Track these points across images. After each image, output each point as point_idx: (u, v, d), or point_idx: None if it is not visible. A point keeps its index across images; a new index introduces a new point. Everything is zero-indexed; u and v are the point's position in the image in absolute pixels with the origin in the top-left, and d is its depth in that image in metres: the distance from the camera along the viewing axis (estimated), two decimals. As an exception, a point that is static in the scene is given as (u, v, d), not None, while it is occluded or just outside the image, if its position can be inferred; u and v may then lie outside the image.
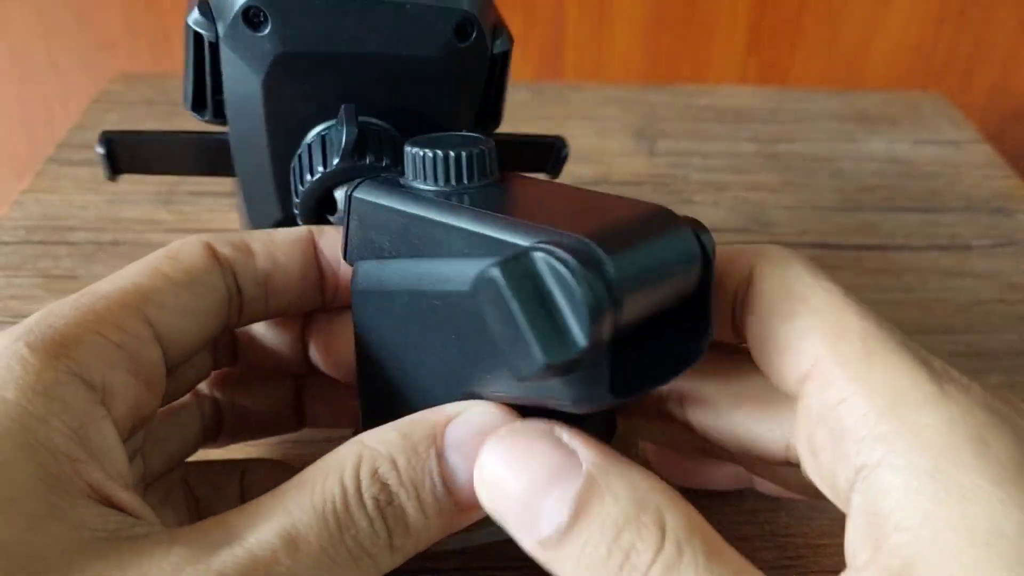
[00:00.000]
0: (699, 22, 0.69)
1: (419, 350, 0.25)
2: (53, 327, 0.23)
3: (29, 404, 0.21)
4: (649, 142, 0.57)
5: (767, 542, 0.32)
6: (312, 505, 0.21)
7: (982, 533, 0.19)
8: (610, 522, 0.21)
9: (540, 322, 0.19)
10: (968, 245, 0.49)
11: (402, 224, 0.25)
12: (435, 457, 0.23)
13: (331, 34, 0.28)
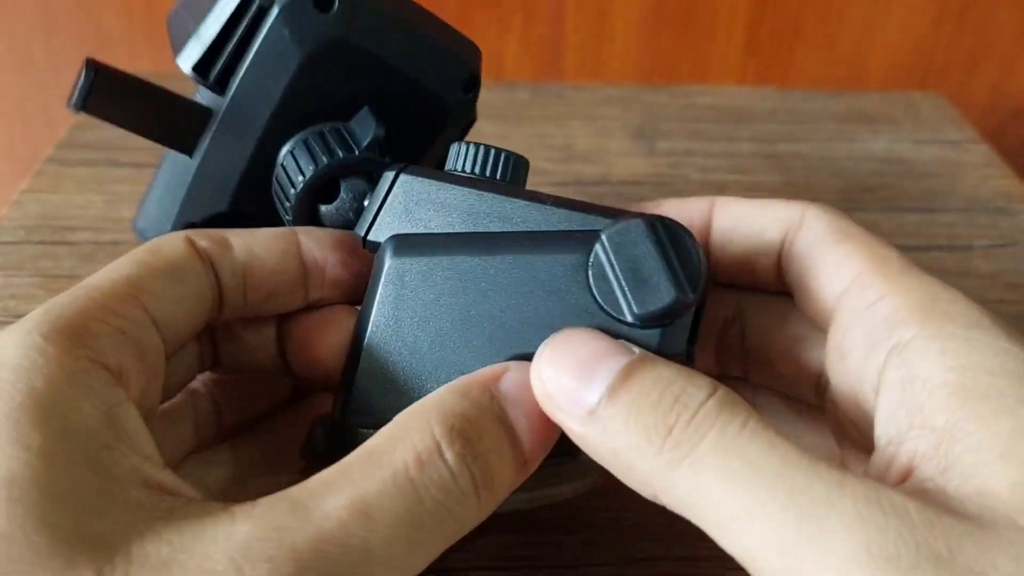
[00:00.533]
0: (698, 22, 0.69)
1: (462, 318, 0.26)
2: (62, 317, 0.23)
3: (59, 392, 0.21)
4: (649, 142, 0.57)
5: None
6: (383, 476, 0.21)
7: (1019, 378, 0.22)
8: (661, 377, 0.23)
9: (673, 266, 0.24)
10: (968, 245, 0.49)
11: (466, 201, 0.27)
12: (499, 409, 0.24)
13: (380, 40, 0.30)
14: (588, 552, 0.31)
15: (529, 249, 0.26)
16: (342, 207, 0.30)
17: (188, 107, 0.30)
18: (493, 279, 0.26)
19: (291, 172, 0.29)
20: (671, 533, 0.32)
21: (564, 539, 0.32)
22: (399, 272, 0.27)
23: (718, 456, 0.21)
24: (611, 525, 0.32)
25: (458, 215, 0.27)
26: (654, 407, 0.22)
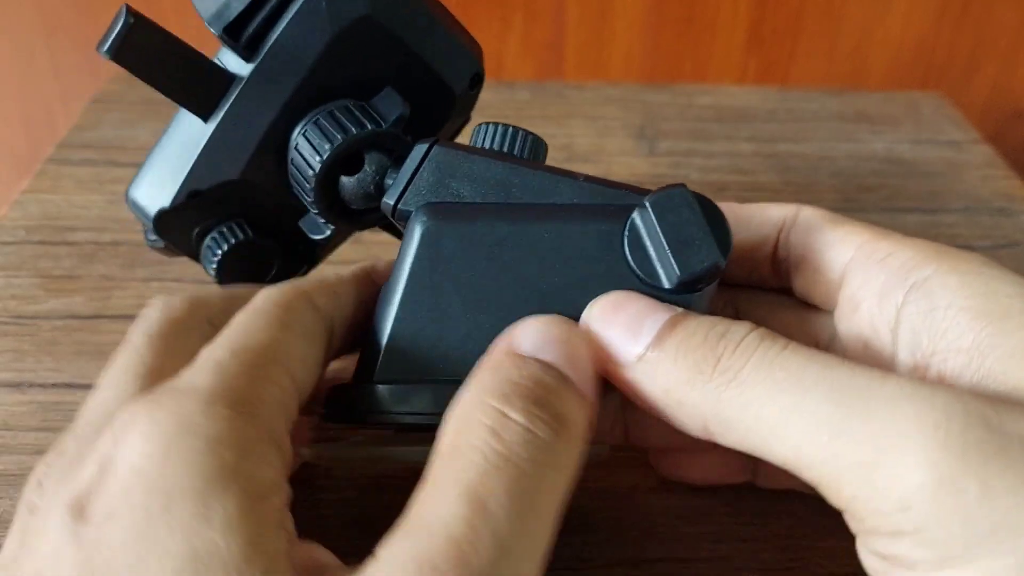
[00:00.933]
0: (699, 21, 0.69)
1: (496, 284, 0.27)
2: (236, 388, 0.23)
3: (244, 466, 0.22)
4: (650, 142, 0.57)
5: (770, 543, 0.32)
6: (473, 461, 0.22)
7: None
8: (704, 322, 0.25)
9: (714, 231, 0.26)
10: (970, 246, 0.49)
11: (501, 173, 0.28)
12: (532, 360, 0.24)
13: (407, 24, 0.31)
14: (590, 553, 0.31)
15: (564, 218, 0.27)
16: (364, 179, 0.30)
17: (214, 69, 0.30)
18: (527, 246, 0.27)
19: (317, 142, 0.30)
20: (673, 535, 0.32)
21: (565, 540, 0.32)
22: (435, 237, 0.27)
23: (762, 371, 0.23)
24: (613, 526, 0.32)
25: (491, 187, 0.28)
26: (701, 343, 0.24)
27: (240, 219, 0.32)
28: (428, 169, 0.28)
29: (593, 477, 0.34)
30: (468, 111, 0.35)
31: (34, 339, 0.40)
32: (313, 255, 0.35)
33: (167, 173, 0.31)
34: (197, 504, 0.20)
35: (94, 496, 0.21)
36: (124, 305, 0.42)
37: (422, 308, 0.27)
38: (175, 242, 0.32)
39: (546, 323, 0.25)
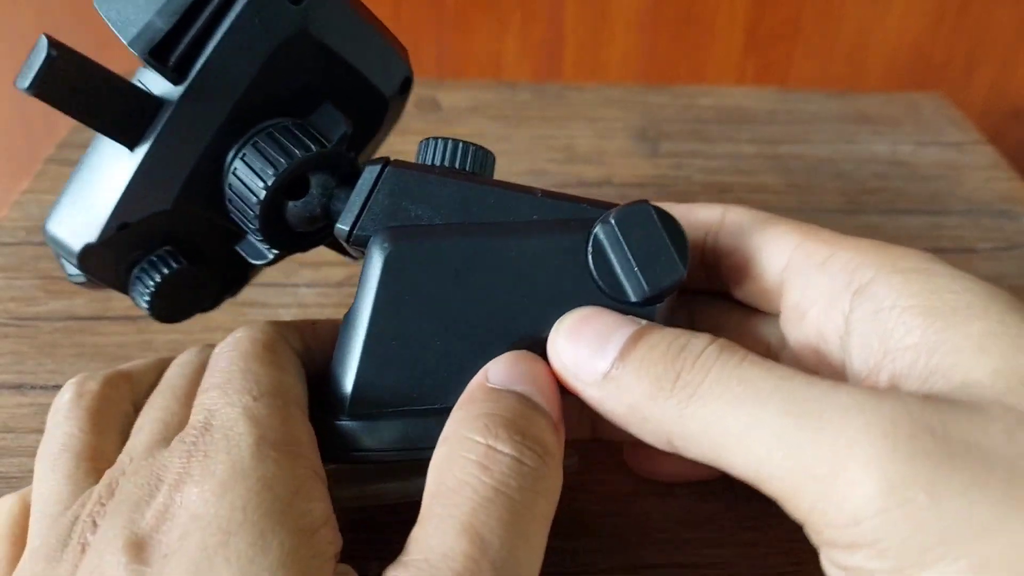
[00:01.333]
0: (697, 22, 0.69)
1: (463, 306, 0.26)
2: (274, 427, 0.24)
3: (295, 501, 0.23)
4: (651, 143, 0.57)
5: (772, 548, 0.32)
6: (465, 497, 0.22)
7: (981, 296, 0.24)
8: (666, 335, 0.25)
9: (676, 246, 0.26)
10: (972, 248, 0.49)
11: (458, 192, 0.27)
12: (507, 392, 0.25)
13: (341, 34, 0.30)
14: (590, 560, 0.31)
15: (527, 235, 0.27)
16: (311, 203, 0.29)
17: (140, 95, 0.28)
18: (492, 266, 0.27)
19: (259, 168, 0.28)
20: (674, 541, 0.32)
21: (565, 546, 0.32)
22: (398, 263, 0.26)
23: (720, 385, 0.23)
24: (613, 532, 0.32)
25: (449, 207, 0.27)
26: (662, 357, 0.24)
27: (170, 247, 0.31)
28: (382, 192, 0.27)
29: (593, 482, 0.34)
30: (398, 116, 0.35)
31: (34, 341, 0.40)
32: (246, 276, 0.35)
33: (91, 205, 0.29)
34: (255, 536, 0.21)
35: (152, 540, 0.22)
36: (124, 307, 0.42)
37: (390, 336, 0.26)
38: (100, 276, 0.30)
39: (515, 358, 0.26)
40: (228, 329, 0.29)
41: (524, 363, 0.26)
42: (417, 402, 0.26)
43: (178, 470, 0.23)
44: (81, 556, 0.23)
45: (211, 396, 0.25)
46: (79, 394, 0.29)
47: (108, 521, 0.23)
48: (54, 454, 0.27)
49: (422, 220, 0.27)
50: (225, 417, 0.24)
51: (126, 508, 0.23)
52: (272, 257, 0.31)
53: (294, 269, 0.44)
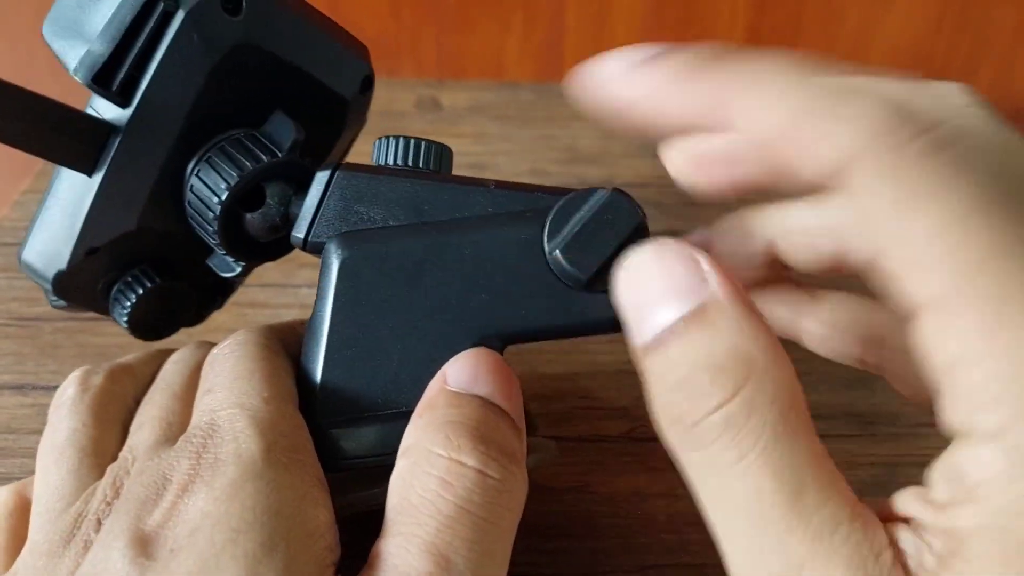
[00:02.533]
0: (698, 22, 0.69)
1: (422, 306, 0.26)
2: (282, 432, 0.24)
3: (306, 515, 0.23)
4: (653, 143, 0.57)
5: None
6: (428, 514, 0.22)
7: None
8: (694, 352, 0.21)
9: (619, 227, 0.25)
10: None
11: (409, 191, 0.27)
12: (466, 396, 0.25)
13: (285, 40, 0.29)
14: (594, 560, 0.31)
15: (480, 230, 0.27)
16: (268, 213, 0.29)
17: (88, 122, 0.28)
18: (448, 263, 0.26)
19: (213, 183, 0.28)
20: (678, 542, 0.32)
21: (570, 547, 0.32)
22: (353, 268, 0.26)
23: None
24: (617, 533, 0.32)
25: (401, 207, 0.27)
26: (670, 390, 0.21)
27: (144, 265, 0.31)
28: (334, 197, 0.27)
29: (597, 483, 0.34)
30: (364, 115, 0.34)
31: (36, 341, 0.40)
32: (227, 285, 0.34)
33: (58, 233, 0.29)
34: (264, 537, 0.22)
35: (158, 536, 0.22)
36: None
37: (351, 343, 0.26)
38: (79, 301, 0.31)
39: (474, 356, 0.26)
40: (229, 329, 0.29)
41: (482, 362, 0.25)
42: (386, 407, 0.26)
43: (187, 471, 0.23)
44: (84, 553, 0.23)
45: (216, 398, 0.25)
46: (83, 389, 0.29)
47: (113, 519, 0.23)
48: (58, 448, 0.27)
49: (375, 222, 0.27)
50: (232, 420, 0.24)
51: (133, 506, 0.23)
52: (240, 270, 0.31)
53: (294, 270, 0.44)
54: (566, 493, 0.34)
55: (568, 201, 0.26)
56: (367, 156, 0.29)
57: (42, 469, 0.27)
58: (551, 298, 0.26)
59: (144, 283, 0.30)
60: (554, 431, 0.36)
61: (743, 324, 0.21)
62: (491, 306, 0.26)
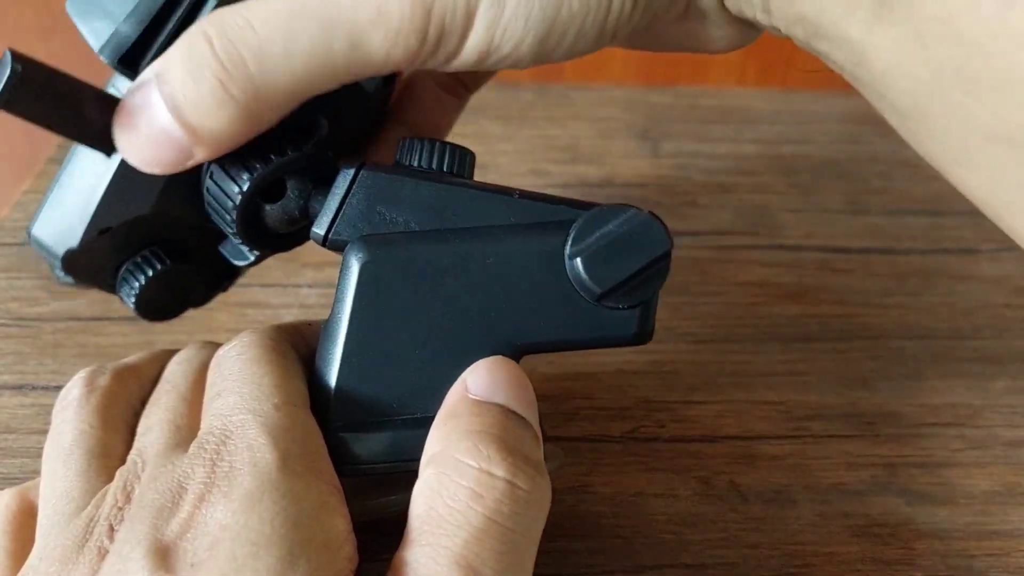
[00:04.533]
0: (700, 22, 0.69)
1: (442, 314, 0.26)
2: (298, 440, 0.24)
3: (325, 526, 0.23)
4: (653, 143, 0.57)
5: (776, 549, 0.32)
6: (456, 525, 0.22)
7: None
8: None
9: (637, 245, 0.26)
10: (975, 249, 0.49)
11: (434, 195, 0.27)
12: (490, 405, 0.25)
13: None
14: (595, 560, 0.31)
15: (502, 241, 0.27)
16: (288, 205, 0.29)
17: (109, 101, 0.27)
18: (470, 273, 0.26)
19: (235, 173, 0.28)
20: (678, 541, 0.32)
21: (572, 547, 0.32)
22: (374, 272, 0.26)
23: None
24: (618, 533, 0.32)
25: (425, 211, 0.27)
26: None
27: (155, 248, 0.30)
28: (357, 196, 0.27)
29: (598, 484, 0.34)
30: (385, 107, 0.34)
31: (36, 341, 0.40)
32: (236, 270, 0.34)
33: (72, 210, 0.29)
34: (284, 551, 0.21)
35: (177, 548, 0.22)
36: (126, 308, 0.42)
37: (368, 347, 0.26)
38: (86, 279, 0.30)
39: (494, 365, 0.26)
40: (230, 330, 0.29)
41: (503, 370, 0.26)
42: (400, 412, 0.26)
43: (202, 479, 0.23)
44: (100, 561, 0.23)
45: (227, 403, 0.25)
46: (89, 390, 0.28)
47: (129, 527, 0.23)
48: (65, 451, 0.27)
49: (397, 225, 0.27)
50: (245, 427, 0.24)
51: (148, 515, 0.23)
52: (254, 258, 0.31)
53: (296, 270, 0.44)
54: (566, 493, 0.34)
55: (599, 212, 0.26)
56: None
57: (49, 472, 0.27)
58: (571, 311, 0.26)
59: (154, 265, 0.30)
60: (555, 431, 0.36)
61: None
62: (510, 316, 0.26)
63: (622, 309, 0.27)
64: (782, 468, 0.35)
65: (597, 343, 0.27)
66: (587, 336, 0.27)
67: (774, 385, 0.39)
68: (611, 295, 0.26)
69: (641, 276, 0.26)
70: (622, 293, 0.26)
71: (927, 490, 0.35)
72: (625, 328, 0.27)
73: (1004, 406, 0.38)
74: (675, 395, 0.38)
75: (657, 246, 0.26)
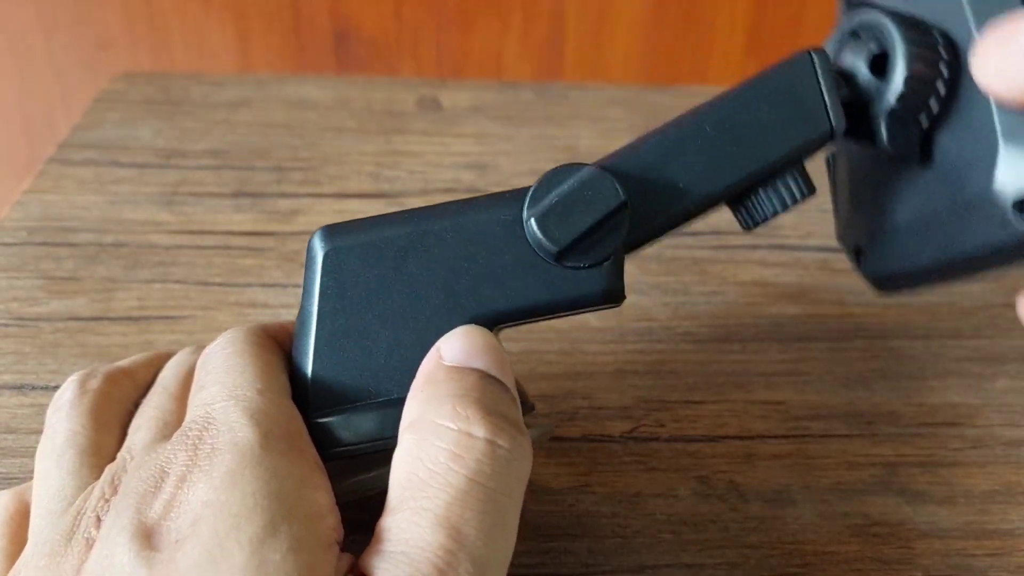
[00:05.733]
0: (698, 23, 0.69)
1: (408, 293, 0.27)
2: (279, 422, 0.25)
3: (306, 498, 0.23)
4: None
5: (776, 549, 0.32)
6: (437, 487, 0.22)
7: None
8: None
9: (591, 201, 0.26)
10: (974, 248, 0.48)
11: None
12: (466, 369, 0.25)
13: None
14: (594, 560, 0.31)
15: (461, 214, 0.27)
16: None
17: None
18: (431, 249, 0.27)
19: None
20: (678, 541, 0.32)
21: (571, 546, 0.32)
22: (336, 260, 0.27)
23: None
24: (618, 533, 0.32)
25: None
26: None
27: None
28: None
29: (598, 483, 0.34)
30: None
31: (36, 341, 0.40)
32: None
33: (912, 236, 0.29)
34: (265, 522, 0.22)
35: (161, 527, 0.22)
36: (126, 307, 0.42)
37: (339, 335, 0.27)
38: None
39: (469, 332, 0.26)
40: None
41: (476, 337, 0.26)
42: (378, 395, 0.26)
43: (184, 462, 0.23)
44: (88, 551, 0.23)
45: (210, 392, 0.25)
46: (81, 392, 0.29)
47: (114, 514, 0.23)
48: (57, 450, 0.27)
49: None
50: (227, 412, 0.24)
51: (132, 500, 0.23)
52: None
53: (296, 270, 0.44)
54: (566, 493, 0.34)
55: (553, 173, 0.27)
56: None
57: (41, 472, 0.27)
58: (536, 275, 0.27)
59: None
60: (555, 431, 0.36)
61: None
62: (477, 288, 0.27)
63: (585, 268, 0.27)
64: (782, 468, 0.35)
65: (568, 305, 0.27)
66: (555, 298, 0.27)
67: (774, 385, 0.39)
68: (570, 253, 0.26)
69: (597, 232, 0.26)
70: (581, 251, 0.26)
71: (927, 489, 0.35)
72: (592, 286, 0.27)
73: (1004, 405, 0.38)
74: (675, 395, 0.38)
75: (609, 200, 0.26)
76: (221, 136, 0.56)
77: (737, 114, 0.27)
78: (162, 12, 0.66)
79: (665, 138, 0.28)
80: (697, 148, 0.28)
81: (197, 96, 0.60)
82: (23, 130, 0.72)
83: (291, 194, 0.51)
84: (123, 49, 0.68)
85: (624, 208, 0.26)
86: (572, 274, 0.27)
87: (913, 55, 0.27)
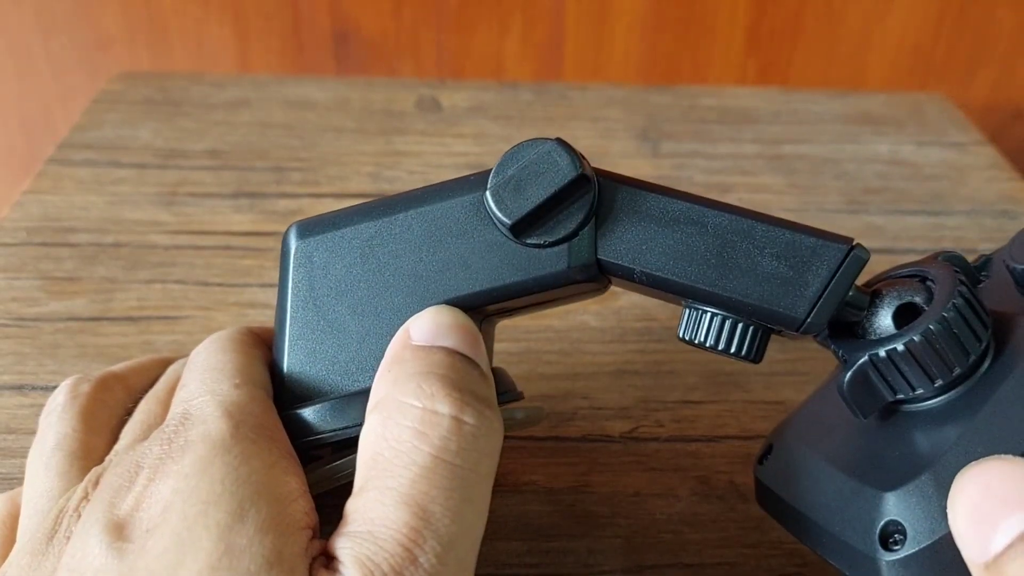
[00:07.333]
0: (698, 22, 0.69)
1: (379, 282, 0.27)
2: (252, 412, 0.25)
3: (276, 482, 0.23)
4: (653, 143, 0.57)
5: (774, 549, 0.32)
6: (403, 466, 0.22)
7: None
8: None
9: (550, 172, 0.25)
10: (973, 248, 0.48)
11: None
12: (433, 348, 0.25)
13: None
14: (595, 560, 0.31)
15: (427, 201, 0.27)
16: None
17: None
18: (399, 237, 0.27)
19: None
20: (678, 541, 0.32)
21: (571, 546, 0.32)
22: (306, 255, 0.27)
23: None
24: (619, 533, 0.32)
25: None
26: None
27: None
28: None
29: (598, 483, 0.34)
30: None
31: (35, 341, 0.40)
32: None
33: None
34: (234, 506, 0.22)
35: (133, 519, 0.22)
36: (126, 307, 0.42)
37: (312, 328, 0.27)
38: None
39: (437, 312, 0.26)
40: (231, 330, 0.29)
41: (444, 316, 0.25)
42: (351, 385, 0.27)
43: (158, 455, 0.23)
44: (66, 546, 0.23)
45: (190, 390, 0.26)
46: (73, 396, 0.29)
47: (89, 509, 0.23)
48: (47, 453, 0.27)
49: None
50: (203, 407, 0.24)
51: (107, 495, 0.23)
52: None
53: (296, 269, 0.44)
54: (566, 493, 0.34)
55: (516, 149, 0.26)
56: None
57: (31, 474, 0.27)
58: (500, 256, 0.26)
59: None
60: (555, 431, 0.36)
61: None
62: (444, 273, 0.26)
63: (547, 246, 0.26)
64: (782, 468, 0.35)
65: (536, 286, 0.26)
66: (521, 279, 0.26)
67: (774, 385, 0.39)
68: (529, 231, 0.26)
69: (554, 207, 0.25)
70: (541, 228, 0.26)
71: (927, 490, 0.35)
72: (556, 264, 0.26)
73: (1003, 406, 0.38)
74: (674, 395, 0.38)
75: (562, 175, 0.25)
76: (220, 136, 0.56)
77: (744, 240, 0.25)
78: (161, 12, 0.66)
79: (672, 201, 0.27)
80: (688, 232, 0.26)
81: (196, 96, 0.60)
82: (22, 130, 0.72)
83: (290, 194, 0.51)
84: (122, 49, 0.68)
85: (583, 183, 0.25)
86: (536, 253, 0.26)
87: (939, 344, 0.24)
